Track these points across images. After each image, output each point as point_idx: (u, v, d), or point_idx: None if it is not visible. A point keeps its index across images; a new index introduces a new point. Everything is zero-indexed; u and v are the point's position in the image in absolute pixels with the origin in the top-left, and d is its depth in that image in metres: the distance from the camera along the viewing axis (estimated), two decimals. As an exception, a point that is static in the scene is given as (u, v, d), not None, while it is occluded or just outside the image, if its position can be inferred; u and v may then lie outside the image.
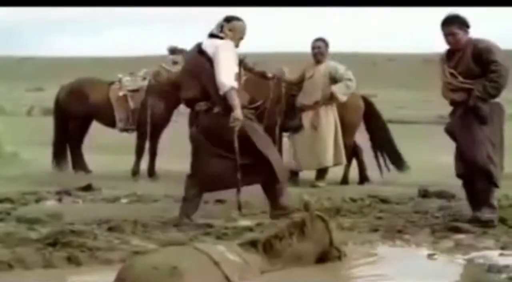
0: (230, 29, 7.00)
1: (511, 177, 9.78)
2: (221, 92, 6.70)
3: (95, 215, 7.01)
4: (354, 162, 10.14)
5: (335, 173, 9.93)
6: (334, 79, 9.64)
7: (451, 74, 6.81)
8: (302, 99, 9.72)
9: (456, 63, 6.82)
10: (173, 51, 10.36)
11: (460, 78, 6.76)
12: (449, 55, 6.92)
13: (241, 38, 7.09)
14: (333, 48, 9.87)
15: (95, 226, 6.53)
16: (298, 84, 9.84)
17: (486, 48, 6.73)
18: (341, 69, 9.71)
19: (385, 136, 10.24)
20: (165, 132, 10.38)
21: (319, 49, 9.70)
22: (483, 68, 6.70)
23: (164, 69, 10.26)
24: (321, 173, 9.79)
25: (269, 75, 9.74)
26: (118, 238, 6.03)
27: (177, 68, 9.90)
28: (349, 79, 9.63)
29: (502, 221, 6.82)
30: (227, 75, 6.72)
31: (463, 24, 6.81)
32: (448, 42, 6.89)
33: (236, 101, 6.67)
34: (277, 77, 9.76)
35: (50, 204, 7.90)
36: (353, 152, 10.07)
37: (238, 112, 6.64)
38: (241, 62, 9.44)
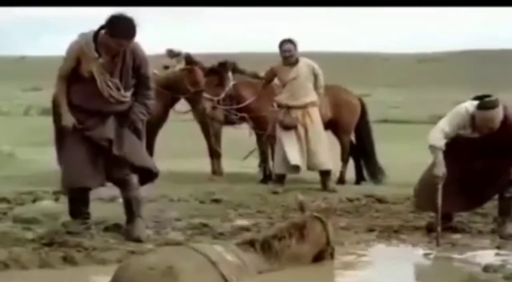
0: None
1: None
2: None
3: (91, 215, 7.00)
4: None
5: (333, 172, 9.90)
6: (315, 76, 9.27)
7: (116, 86, 6.09)
8: (288, 100, 9.17)
9: (118, 69, 6.09)
10: (171, 54, 10.35)
11: (122, 91, 6.12)
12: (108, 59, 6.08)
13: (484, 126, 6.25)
14: (328, 48, 9.73)
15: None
16: (265, 86, 9.60)
17: (143, 61, 6.14)
18: (315, 64, 9.26)
19: (369, 145, 10.07)
20: (161, 131, 10.35)
21: (290, 52, 9.14)
22: (137, 81, 6.20)
23: (155, 75, 10.26)
24: (326, 175, 9.24)
25: (261, 74, 9.68)
26: (114, 238, 6.03)
27: (168, 72, 9.97)
28: (320, 74, 9.28)
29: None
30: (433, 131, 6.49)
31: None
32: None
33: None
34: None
35: (47, 203, 7.87)
36: (350, 151, 10.04)
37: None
38: (230, 67, 9.37)
